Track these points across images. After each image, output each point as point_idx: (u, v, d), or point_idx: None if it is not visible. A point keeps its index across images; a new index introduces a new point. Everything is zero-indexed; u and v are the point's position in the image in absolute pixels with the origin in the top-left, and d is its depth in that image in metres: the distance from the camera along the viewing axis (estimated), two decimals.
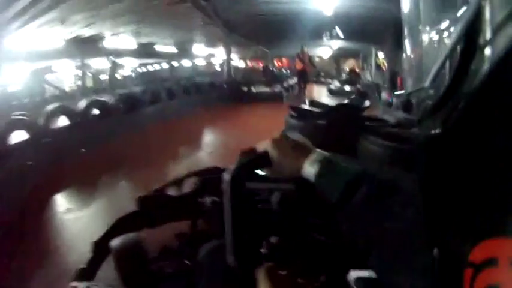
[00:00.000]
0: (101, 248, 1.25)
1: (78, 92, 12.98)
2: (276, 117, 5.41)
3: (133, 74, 19.95)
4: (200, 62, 23.29)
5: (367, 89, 15.08)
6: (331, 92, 16.26)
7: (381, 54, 17.61)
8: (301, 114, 4.06)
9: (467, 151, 0.38)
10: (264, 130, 7.36)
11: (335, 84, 18.02)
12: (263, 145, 0.74)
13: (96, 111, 7.32)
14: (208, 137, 8.44)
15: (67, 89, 15.19)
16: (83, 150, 5.71)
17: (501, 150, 0.33)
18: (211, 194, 1.04)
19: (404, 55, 6.09)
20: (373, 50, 17.97)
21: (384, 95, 9.77)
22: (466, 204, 0.37)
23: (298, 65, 13.80)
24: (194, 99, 11.40)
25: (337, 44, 19.20)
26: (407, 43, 5.39)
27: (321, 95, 17.14)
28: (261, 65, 20.64)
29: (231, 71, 14.64)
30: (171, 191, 1.40)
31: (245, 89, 13.64)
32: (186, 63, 21.58)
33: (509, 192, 0.32)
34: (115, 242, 1.11)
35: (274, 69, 18.78)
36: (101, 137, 6.36)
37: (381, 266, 0.56)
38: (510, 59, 0.35)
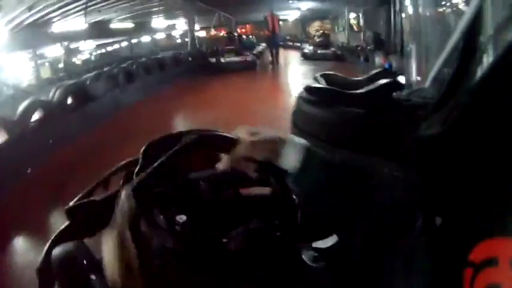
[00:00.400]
0: (44, 273, 1.03)
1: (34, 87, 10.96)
2: (252, 88, 4.42)
3: (93, 58, 18.14)
4: (161, 36, 21.59)
5: (346, 52, 14.15)
6: (306, 56, 15.27)
7: (352, 15, 16.68)
8: (324, 97, 2.72)
9: (467, 150, 0.38)
10: (244, 107, 6.45)
11: (308, 48, 17.02)
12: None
13: (37, 115, 5.20)
14: (181, 121, 6.87)
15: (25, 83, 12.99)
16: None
17: (501, 150, 0.33)
18: None
19: (403, 15, 5.18)
20: (346, 11, 16.95)
21: (378, 59, 8.77)
22: (466, 204, 0.37)
23: (268, 30, 12.74)
24: (157, 77, 10.04)
25: (307, 5, 17.92)
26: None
27: (294, 59, 16.22)
28: (223, 33, 19.10)
29: (195, 42, 13.33)
30: (97, 194, 1.21)
31: (213, 60, 12.35)
32: (145, 39, 19.96)
33: (509, 192, 0.32)
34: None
35: (242, 37, 17.47)
36: (36, 156, 4.39)
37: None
38: (510, 58, 0.35)
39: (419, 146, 0.51)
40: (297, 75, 11.57)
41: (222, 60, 12.11)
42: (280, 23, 29.73)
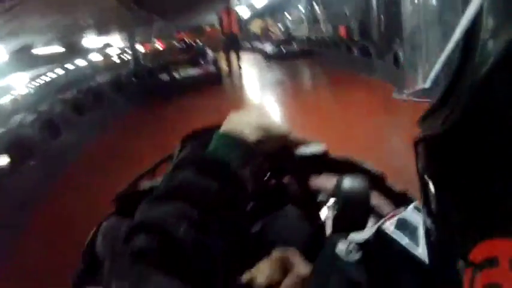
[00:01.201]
0: (88, 257, 1.11)
1: None
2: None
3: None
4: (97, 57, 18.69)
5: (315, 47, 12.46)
6: (270, 57, 13.38)
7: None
8: None
9: (467, 151, 0.39)
10: None
11: (268, 47, 15.12)
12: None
13: None
14: None
15: None
16: None
17: (501, 150, 0.34)
18: None
19: None
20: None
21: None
22: (466, 204, 0.38)
23: (223, 30, 10.72)
24: (91, 120, 7.05)
25: None
26: None
27: (256, 63, 14.26)
28: (160, 43, 16.51)
29: (139, 59, 10.98)
30: (144, 184, 1.30)
31: (166, 77, 9.70)
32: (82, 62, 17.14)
33: (509, 192, 0.32)
34: None
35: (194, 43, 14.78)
36: None
37: None
38: (510, 58, 0.34)
39: (419, 146, 0.47)
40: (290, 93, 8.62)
41: (177, 75, 9.63)
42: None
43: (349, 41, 10.14)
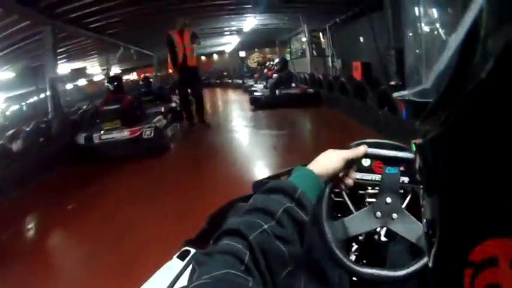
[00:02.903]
0: (214, 221, 1.41)
1: None
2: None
3: None
4: None
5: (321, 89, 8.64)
6: (258, 103, 9.32)
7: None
8: None
9: (467, 150, 0.39)
10: None
11: (258, 87, 11.43)
12: None
13: None
14: None
15: None
16: None
17: (501, 150, 0.33)
18: None
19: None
20: (305, 27, 11.75)
21: None
22: (466, 204, 0.38)
23: (173, 63, 6.94)
24: None
25: (251, 23, 12.02)
26: None
27: (240, 109, 10.45)
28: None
29: (59, 102, 7.02)
30: (284, 178, 1.44)
31: (81, 139, 5.69)
32: None
33: (509, 192, 0.32)
34: None
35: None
36: None
37: None
38: (510, 58, 0.34)
39: (419, 147, 0.49)
40: None
41: (96, 139, 5.57)
42: (216, 56, 24.21)
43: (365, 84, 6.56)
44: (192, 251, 1.15)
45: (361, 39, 8.73)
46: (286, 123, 7.33)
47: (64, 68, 13.58)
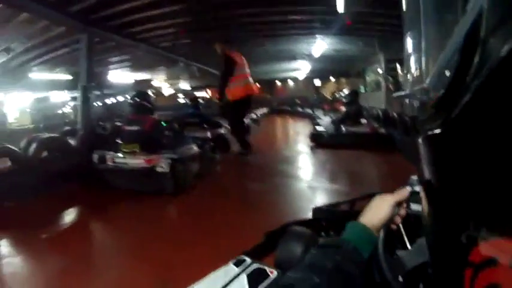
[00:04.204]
0: (272, 238, 1.52)
1: None
2: None
3: None
4: None
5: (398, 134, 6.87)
6: (317, 141, 7.85)
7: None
8: None
9: (467, 150, 0.38)
10: None
11: (322, 120, 9.94)
12: None
13: None
14: None
15: None
16: None
17: (501, 149, 0.33)
18: None
19: None
20: (382, 57, 10.19)
21: None
22: (466, 204, 0.38)
23: (220, 91, 6.32)
24: None
25: (320, 47, 10.78)
26: None
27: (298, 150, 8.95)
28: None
29: (90, 115, 6.35)
30: (344, 207, 1.80)
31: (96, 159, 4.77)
32: None
33: (509, 192, 0.32)
34: None
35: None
36: None
37: None
38: (510, 58, 0.34)
39: (421, 146, 0.49)
40: None
41: (109, 160, 4.60)
42: (291, 83, 23.66)
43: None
44: (248, 259, 1.19)
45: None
46: (343, 173, 5.78)
47: (124, 76, 13.41)
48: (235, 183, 5.29)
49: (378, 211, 0.86)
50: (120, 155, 4.60)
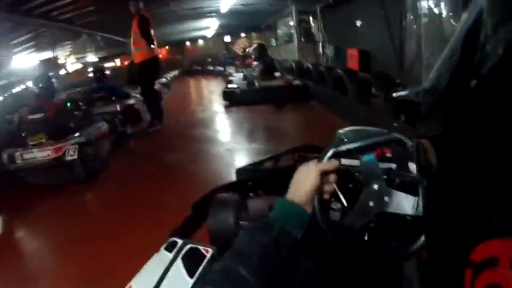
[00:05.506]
0: (199, 209, 1.47)
1: None
2: None
3: None
4: None
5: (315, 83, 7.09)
6: (231, 99, 7.73)
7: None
8: None
9: (467, 150, 0.38)
10: None
11: (235, 77, 9.83)
12: None
13: None
14: None
15: None
16: None
17: (501, 150, 0.33)
18: None
19: None
20: (294, 9, 10.25)
21: None
22: (466, 204, 0.38)
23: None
24: None
25: (229, 2, 10.47)
26: None
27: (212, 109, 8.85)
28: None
29: None
30: (268, 165, 1.77)
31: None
32: None
33: (508, 192, 0.32)
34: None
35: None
36: None
37: None
38: (510, 58, 0.34)
39: (419, 146, 0.49)
40: None
41: (18, 158, 3.99)
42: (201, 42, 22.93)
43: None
44: (179, 241, 1.09)
45: (358, 23, 7.31)
46: (261, 130, 5.86)
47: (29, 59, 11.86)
48: (151, 157, 5.01)
49: (303, 184, 0.82)
50: (29, 149, 4.13)
